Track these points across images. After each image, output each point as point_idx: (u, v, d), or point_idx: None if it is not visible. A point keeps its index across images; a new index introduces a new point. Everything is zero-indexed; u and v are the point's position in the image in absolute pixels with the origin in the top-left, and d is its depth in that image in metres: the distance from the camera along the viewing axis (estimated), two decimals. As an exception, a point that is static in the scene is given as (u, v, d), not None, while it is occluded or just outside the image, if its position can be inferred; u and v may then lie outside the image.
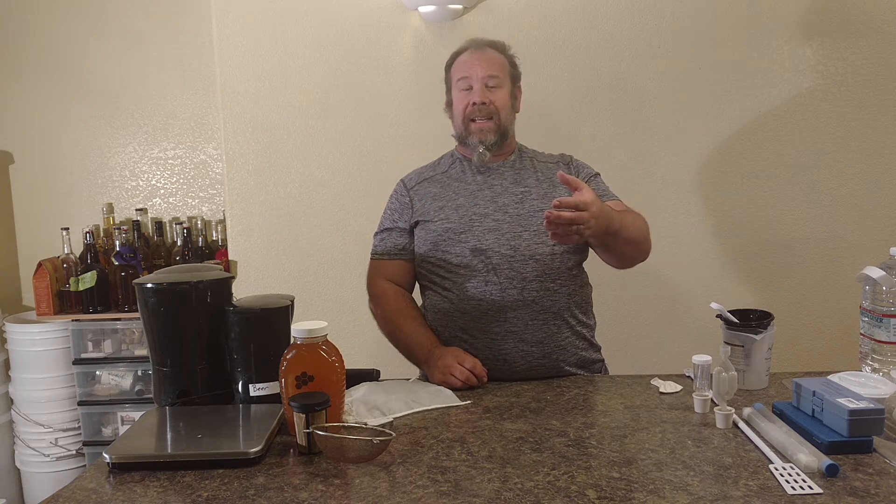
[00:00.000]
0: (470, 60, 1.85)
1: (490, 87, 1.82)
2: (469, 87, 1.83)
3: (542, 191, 1.81)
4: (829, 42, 2.45)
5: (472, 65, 1.83)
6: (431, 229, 1.81)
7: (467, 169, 1.87)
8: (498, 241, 1.75)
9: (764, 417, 1.34)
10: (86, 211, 3.14)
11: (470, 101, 1.82)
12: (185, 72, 3.10)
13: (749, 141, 2.51)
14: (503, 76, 1.85)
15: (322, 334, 1.34)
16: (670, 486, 1.14)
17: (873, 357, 1.53)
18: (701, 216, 2.54)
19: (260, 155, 2.60)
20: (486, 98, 1.81)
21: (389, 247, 1.88)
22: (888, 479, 1.14)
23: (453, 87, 1.88)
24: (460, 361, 1.65)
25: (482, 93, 1.81)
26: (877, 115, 2.47)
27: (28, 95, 3.14)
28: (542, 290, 1.74)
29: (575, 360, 1.78)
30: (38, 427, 2.85)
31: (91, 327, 2.85)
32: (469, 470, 1.22)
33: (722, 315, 1.59)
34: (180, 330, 1.50)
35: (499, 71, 1.84)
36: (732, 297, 2.46)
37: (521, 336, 1.73)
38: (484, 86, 1.81)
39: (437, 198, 1.84)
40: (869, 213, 2.50)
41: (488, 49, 1.87)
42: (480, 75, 1.82)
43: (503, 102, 1.84)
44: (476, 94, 1.81)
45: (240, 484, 1.19)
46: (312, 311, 2.52)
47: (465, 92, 1.83)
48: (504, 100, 1.84)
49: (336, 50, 2.55)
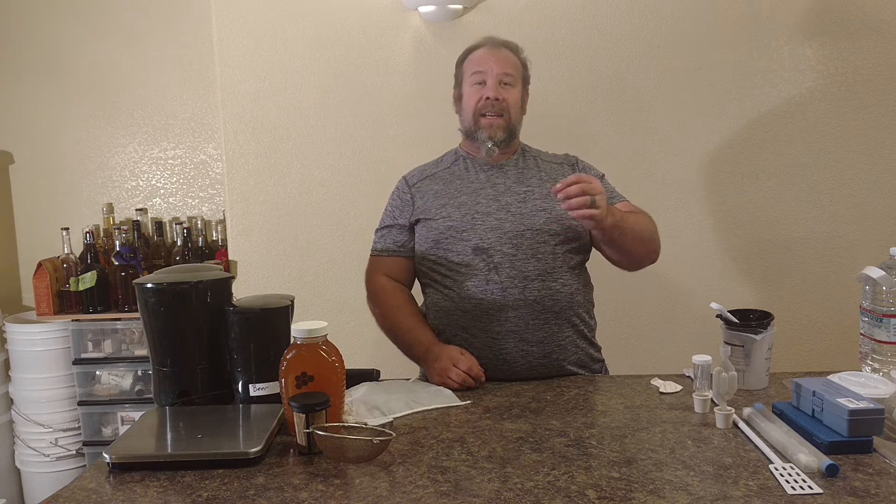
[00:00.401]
0: (486, 56, 1.85)
1: (504, 84, 1.82)
2: (482, 82, 1.82)
3: (545, 190, 1.81)
4: (829, 42, 2.45)
5: (487, 61, 1.84)
6: (433, 227, 1.81)
7: (470, 167, 1.87)
8: (500, 239, 1.75)
9: (764, 417, 1.34)
10: (86, 211, 3.14)
11: (483, 95, 1.81)
12: (185, 72, 3.10)
13: (749, 141, 2.51)
14: (517, 76, 1.86)
15: (322, 334, 1.34)
16: (670, 486, 1.14)
17: (873, 357, 1.53)
18: (701, 216, 2.54)
19: (260, 155, 2.60)
20: (499, 94, 1.81)
21: (389, 243, 1.87)
22: (888, 479, 1.14)
23: (465, 80, 1.87)
24: (456, 363, 1.65)
25: (496, 88, 1.81)
26: (877, 115, 2.47)
27: (28, 95, 3.14)
28: (544, 290, 1.74)
29: (575, 359, 1.78)
30: (38, 427, 2.85)
31: (91, 327, 2.85)
32: (469, 470, 1.22)
33: (722, 315, 1.59)
34: (180, 330, 1.50)
35: (513, 70, 1.85)
36: (732, 297, 2.46)
37: (521, 335, 1.73)
38: (498, 82, 1.82)
39: (438, 195, 1.84)
40: (869, 213, 2.50)
41: (504, 48, 1.87)
42: (496, 72, 1.82)
43: (514, 101, 1.84)
44: (490, 89, 1.81)
45: (240, 484, 1.19)
46: (312, 311, 2.52)
47: (478, 86, 1.83)
48: (515, 99, 1.85)
49: (336, 50, 2.55)
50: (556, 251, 1.76)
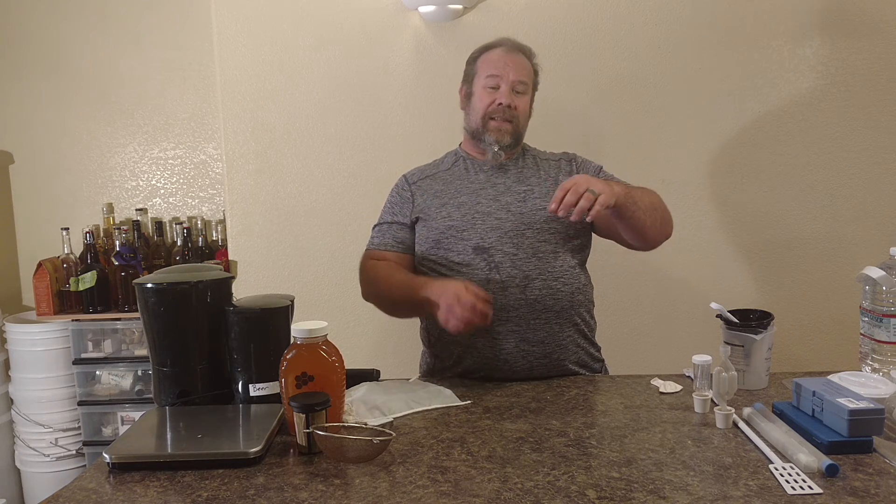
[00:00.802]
0: (503, 60, 1.83)
1: (517, 92, 1.82)
2: (496, 86, 1.81)
3: (544, 189, 1.81)
4: (829, 42, 2.45)
5: (504, 65, 1.82)
6: (433, 227, 1.80)
7: (470, 167, 1.87)
8: (500, 239, 1.75)
9: (764, 417, 1.34)
10: (86, 211, 3.14)
11: (496, 100, 1.81)
12: (185, 72, 3.10)
13: (749, 141, 2.51)
14: (529, 84, 1.85)
15: (322, 334, 1.34)
16: (670, 486, 1.14)
17: (873, 357, 1.53)
18: (701, 216, 2.54)
19: (260, 155, 2.60)
20: (512, 101, 1.80)
21: (389, 239, 1.86)
22: (888, 479, 1.14)
23: (478, 80, 1.85)
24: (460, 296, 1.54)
25: (509, 96, 1.80)
26: (877, 115, 2.47)
27: (28, 95, 3.14)
28: (545, 289, 1.73)
29: (576, 359, 1.78)
30: (38, 427, 2.85)
31: (91, 327, 2.85)
32: (469, 470, 1.22)
33: (722, 315, 1.59)
34: (180, 330, 1.50)
35: (527, 77, 1.84)
36: (732, 297, 2.45)
37: (522, 335, 1.72)
38: (512, 89, 1.81)
39: (438, 195, 1.84)
40: (869, 213, 2.50)
41: (520, 54, 1.86)
42: (511, 78, 1.81)
43: (524, 109, 1.85)
44: (504, 95, 1.80)
45: (240, 484, 1.19)
46: (312, 311, 2.51)
47: (490, 90, 1.82)
48: (525, 107, 1.85)
49: (336, 50, 2.55)
50: (557, 250, 1.76)
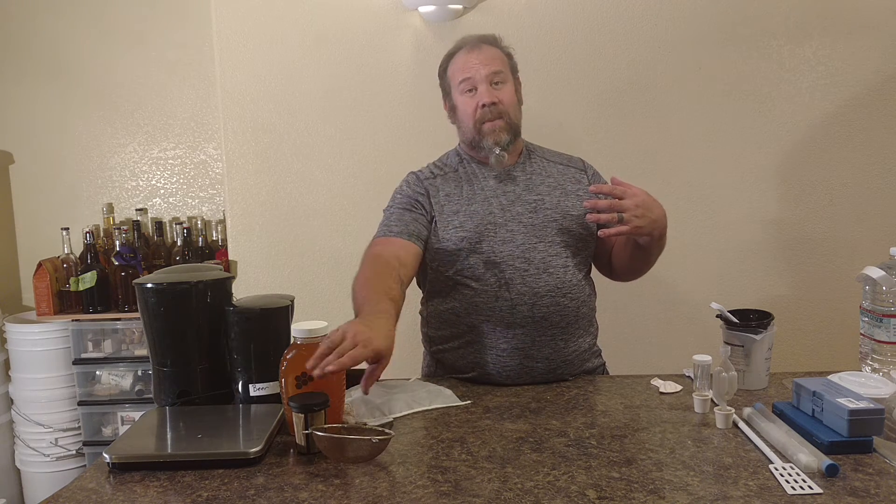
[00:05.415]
0: (469, 60, 1.74)
1: (495, 84, 1.72)
2: (473, 89, 1.73)
3: (554, 199, 1.74)
4: (829, 42, 2.45)
5: (471, 64, 1.73)
6: (446, 238, 1.70)
7: (476, 170, 1.79)
8: (512, 253, 1.67)
9: (764, 417, 1.34)
10: (86, 211, 3.14)
11: (478, 103, 1.71)
12: (185, 72, 3.11)
13: (749, 141, 2.50)
14: (505, 71, 1.75)
15: (322, 334, 1.34)
16: (670, 486, 1.14)
17: (873, 357, 1.53)
18: (701, 216, 2.54)
19: (260, 155, 2.60)
20: (494, 97, 1.71)
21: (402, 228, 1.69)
22: (888, 479, 1.14)
23: (454, 90, 1.77)
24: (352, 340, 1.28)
25: (489, 92, 1.71)
26: (877, 115, 2.47)
27: (28, 95, 3.14)
28: (553, 306, 1.67)
29: (579, 372, 1.75)
30: (38, 427, 2.85)
31: (91, 327, 2.85)
32: (469, 470, 1.22)
33: (722, 315, 1.58)
34: (180, 330, 1.50)
35: (500, 66, 1.74)
36: (732, 297, 2.46)
37: (527, 352, 1.67)
38: (489, 85, 1.71)
39: (451, 198, 1.74)
40: (869, 213, 2.50)
41: (483, 45, 1.76)
42: (484, 74, 1.71)
43: (510, 99, 1.74)
44: (483, 94, 1.71)
45: (240, 484, 1.19)
46: (312, 311, 2.50)
47: (469, 94, 1.73)
48: (511, 96, 1.74)
49: (336, 50, 2.55)
50: (567, 264, 1.70)
